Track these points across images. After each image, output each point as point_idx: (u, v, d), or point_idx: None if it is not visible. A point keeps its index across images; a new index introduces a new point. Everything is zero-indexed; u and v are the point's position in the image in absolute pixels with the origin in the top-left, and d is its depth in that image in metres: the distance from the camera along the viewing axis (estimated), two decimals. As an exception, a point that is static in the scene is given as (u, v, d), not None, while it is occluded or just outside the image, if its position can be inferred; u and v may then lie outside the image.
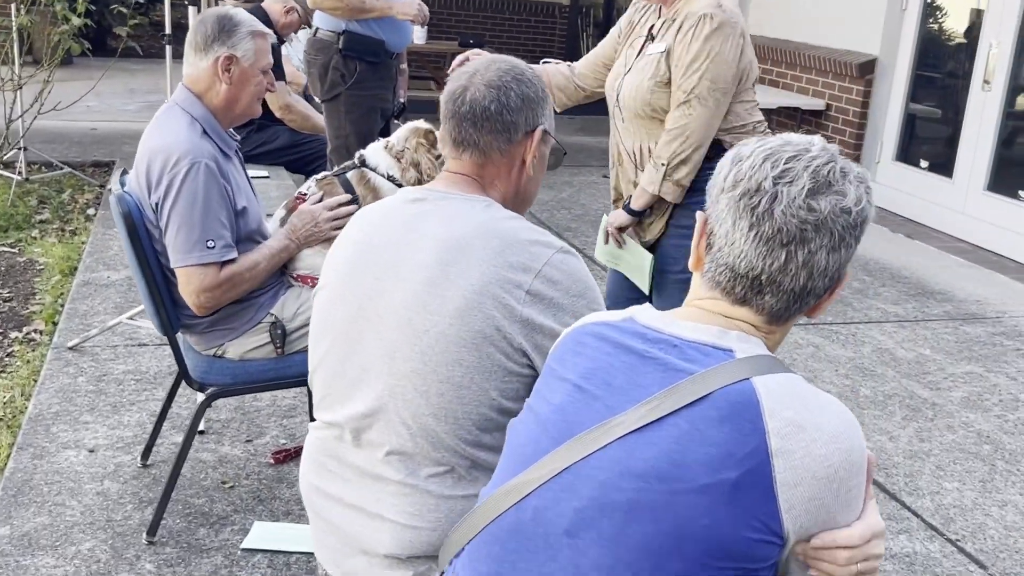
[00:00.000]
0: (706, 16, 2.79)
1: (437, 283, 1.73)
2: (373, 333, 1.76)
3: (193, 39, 2.76)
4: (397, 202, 1.87)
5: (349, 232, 1.90)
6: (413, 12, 4.42)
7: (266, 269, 2.80)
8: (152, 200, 2.67)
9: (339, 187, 2.95)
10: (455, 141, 1.86)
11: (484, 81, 1.86)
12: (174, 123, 2.73)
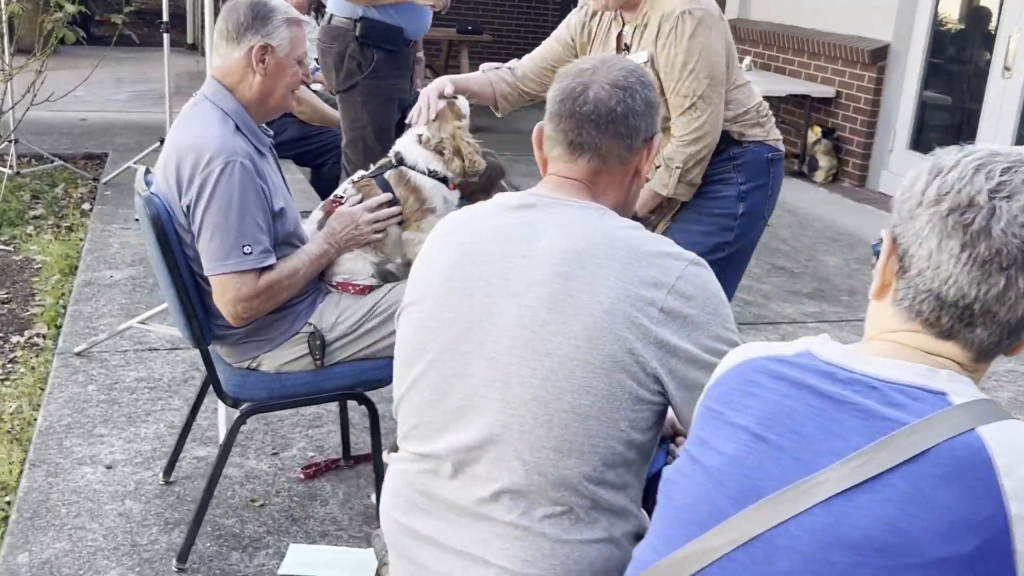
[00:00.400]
0: (684, 13, 2.69)
1: (559, 300, 1.55)
2: (483, 356, 1.58)
3: (224, 28, 2.55)
4: (498, 208, 1.69)
5: (440, 244, 1.71)
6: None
7: (305, 276, 2.61)
8: (183, 202, 2.47)
9: (377, 188, 2.75)
10: (572, 144, 1.68)
11: (609, 80, 1.69)
12: (205, 119, 2.53)
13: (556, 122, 1.70)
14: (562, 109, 1.69)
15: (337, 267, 2.71)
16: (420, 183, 2.74)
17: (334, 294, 2.71)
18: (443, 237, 1.72)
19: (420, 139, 2.79)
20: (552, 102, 1.71)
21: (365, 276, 2.72)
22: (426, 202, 2.74)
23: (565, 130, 1.68)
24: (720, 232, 2.88)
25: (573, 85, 1.69)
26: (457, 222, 1.73)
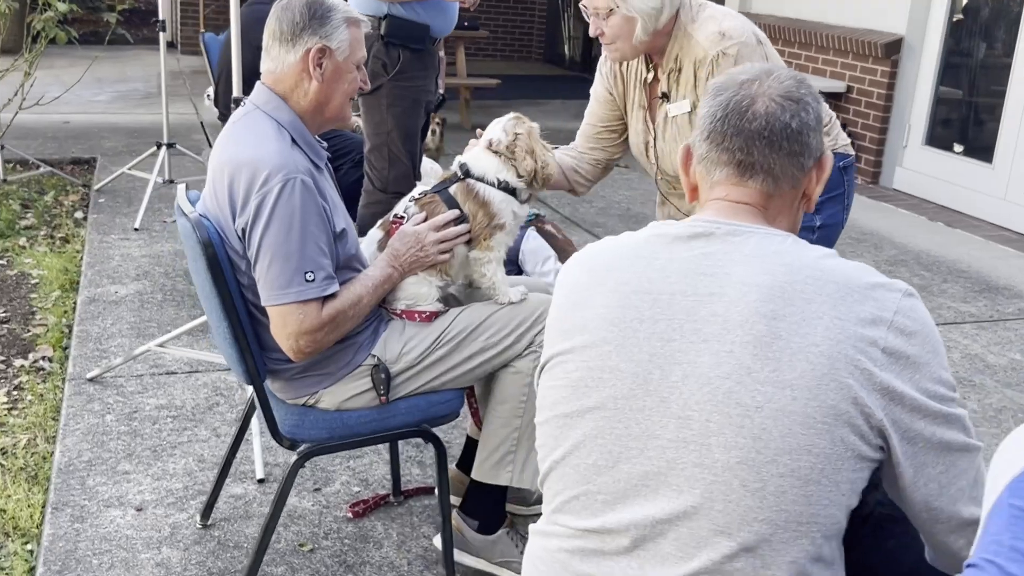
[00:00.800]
0: (719, 56, 2.49)
1: (766, 344, 1.32)
2: (670, 413, 1.35)
3: (277, 28, 2.30)
4: (661, 239, 1.46)
5: (591, 281, 1.47)
6: None
7: (369, 304, 2.36)
8: (237, 225, 2.22)
9: (442, 204, 2.50)
10: (741, 164, 1.46)
11: (779, 92, 1.47)
12: (259, 131, 2.27)
13: (718, 140, 1.48)
14: (725, 126, 1.46)
15: (400, 292, 2.47)
16: (489, 196, 2.50)
17: (397, 322, 2.47)
18: (593, 274, 1.47)
19: (491, 144, 2.55)
20: (710, 118, 1.49)
21: (430, 301, 2.48)
22: (495, 218, 2.50)
23: (731, 149, 1.46)
24: None
25: (737, 98, 1.47)
26: (605, 256, 1.49)
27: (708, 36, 2.50)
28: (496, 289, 2.51)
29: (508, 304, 2.51)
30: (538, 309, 2.52)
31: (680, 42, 2.54)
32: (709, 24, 2.51)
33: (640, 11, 2.48)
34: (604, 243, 1.53)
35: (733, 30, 2.50)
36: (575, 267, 1.52)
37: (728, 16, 2.55)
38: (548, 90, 10.83)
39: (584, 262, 1.51)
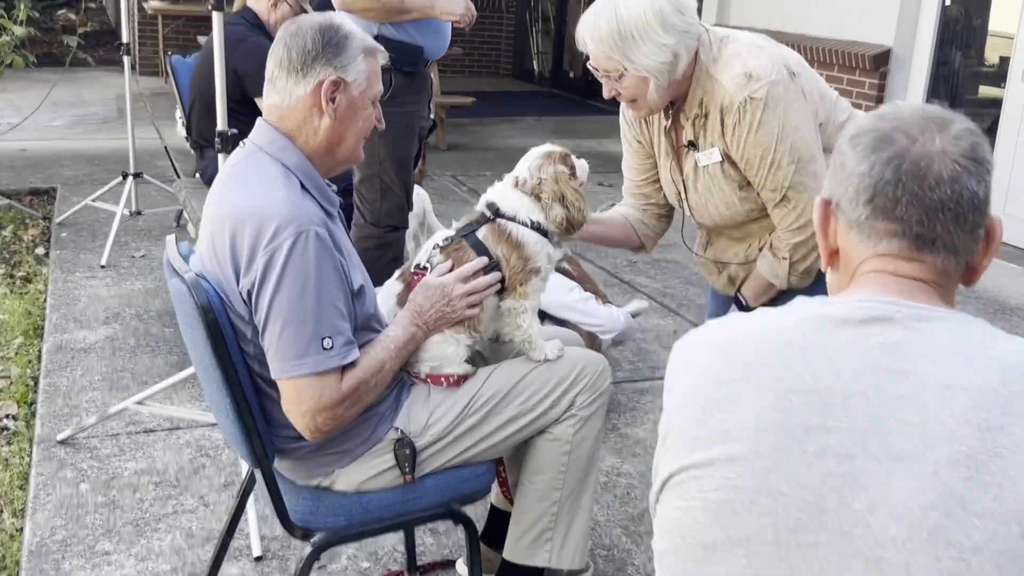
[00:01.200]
0: (746, 102, 2.20)
1: (982, 464, 1.03)
2: (851, 552, 1.05)
3: (286, 56, 2.00)
4: (822, 322, 1.16)
5: (728, 376, 1.18)
6: (460, 11, 3.67)
7: (392, 370, 2.07)
8: (242, 286, 1.92)
9: (471, 251, 2.22)
10: (919, 238, 1.18)
11: (961, 152, 1.17)
12: (264, 176, 1.98)
13: (888, 208, 1.18)
14: (899, 192, 1.17)
15: (423, 353, 2.18)
16: (523, 238, 2.22)
17: (421, 388, 2.18)
18: (733, 363, 1.17)
19: (516, 182, 2.28)
20: (874, 179, 1.17)
21: (458, 362, 2.20)
22: (530, 261, 2.22)
23: (906, 220, 1.17)
24: None
25: (913, 157, 1.17)
26: (747, 340, 1.19)
27: (733, 79, 2.21)
28: (532, 344, 2.24)
29: (544, 361, 2.24)
30: (577, 366, 2.24)
31: (704, 85, 2.27)
32: (734, 64, 2.22)
33: (651, 69, 2.20)
34: (738, 322, 1.23)
35: (760, 69, 2.20)
36: (707, 350, 1.21)
37: (755, 51, 2.25)
38: (521, 106, 10.58)
39: (719, 345, 1.21)
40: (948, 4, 6.66)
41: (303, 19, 2.04)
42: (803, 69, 2.27)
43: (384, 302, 2.22)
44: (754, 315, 1.24)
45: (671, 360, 1.27)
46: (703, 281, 5.47)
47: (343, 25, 2.04)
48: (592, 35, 2.22)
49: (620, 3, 2.19)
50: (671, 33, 2.17)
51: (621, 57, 2.19)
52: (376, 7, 3.53)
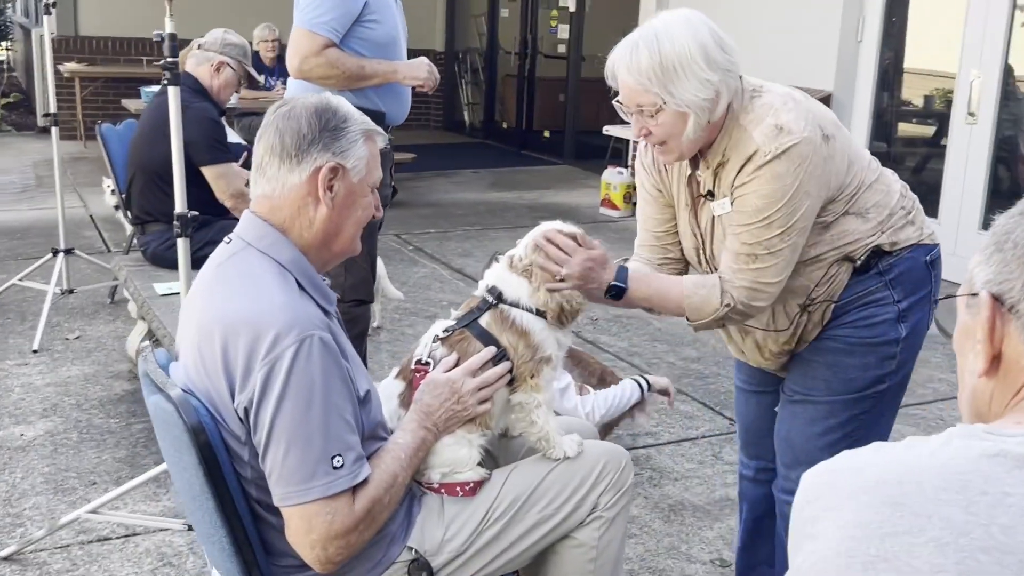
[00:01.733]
0: (772, 155, 2.03)
1: None
2: None
3: (278, 141, 1.80)
4: (1010, 460, 0.99)
5: (894, 518, 0.98)
6: (423, 75, 3.51)
7: (405, 482, 1.85)
8: (238, 403, 1.69)
9: (475, 341, 2.02)
10: None
11: None
12: (257, 277, 1.76)
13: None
14: None
15: (433, 458, 1.97)
16: (528, 325, 2.03)
17: (433, 498, 1.97)
18: (901, 512, 0.98)
19: (512, 264, 2.09)
20: None
21: (471, 466, 1.99)
22: (539, 349, 2.03)
23: None
24: (880, 364, 2.25)
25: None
26: (911, 483, 1.00)
27: (764, 131, 2.05)
28: (549, 442, 2.04)
29: (563, 459, 2.04)
30: (599, 463, 2.06)
31: (731, 134, 2.10)
32: (766, 115, 2.06)
33: (693, 104, 2.03)
34: (885, 457, 1.05)
35: (793, 123, 2.04)
36: (854, 493, 1.02)
37: (789, 103, 2.09)
38: (456, 159, 10.43)
39: (870, 487, 1.02)
40: (885, 49, 6.72)
41: (295, 100, 1.84)
42: (838, 131, 2.12)
43: (385, 403, 2.00)
44: (901, 448, 1.06)
45: (798, 504, 1.09)
46: (670, 337, 5.35)
47: (340, 106, 1.85)
48: (629, 65, 2.04)
49: (662, 33, 2.02)
50: (715, 69, 2.01)
51: (661, 90, 2.02)
52: (335, 74, 3.35)
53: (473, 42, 12.49)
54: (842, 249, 2.16)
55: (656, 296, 2.19)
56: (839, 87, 6.88)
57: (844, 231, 2.15)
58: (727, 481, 3.56)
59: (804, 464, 2.31)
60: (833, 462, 1.09)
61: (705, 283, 2.17)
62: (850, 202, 2.14)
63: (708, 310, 2.15)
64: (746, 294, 2.11)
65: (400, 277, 5.93)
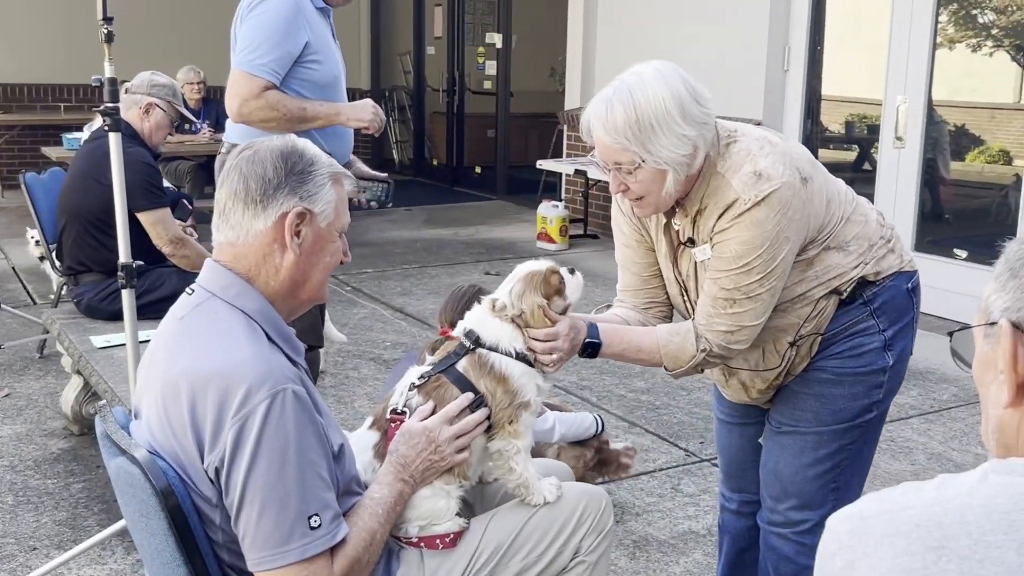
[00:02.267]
0: (752, 204, 2.02)
1: None
2: None
3: (242, 186, 1.72)
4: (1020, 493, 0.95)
5: (940, 565, 0.95)
6: (368, 117, 3.44)
7: (383, 539, 1.78)
8: (208, 463, 1.60)
9: (452, 387, 1.96)
10: None
11: None
12: (224, 329, 1.68)
13: None
14: None
15: (410, 511, 1.89)
16: (507, 370, 1.97)
17: (412, 552, 1.89)
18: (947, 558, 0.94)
19: (494, 307, 2.04)
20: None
21: (450, 517, 1.92)
22: (518, 395, 1.97)
23: None
24: (868, 393, 2.24)
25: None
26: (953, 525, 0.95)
27: (743, 178, 2.03)
28: (528, 488, 1.98)
29: (544, 504, 1.98)
30: (579, 506, 2.00)
31: (708, 182, 2.07)
32: (743, 162, 2.04)
33: (672, 161, 1.99)
34: (921, 498, 1.01)
35: (771, 169, 2.02)
36: (891, 536, 0.98)
37: (766, 148, 2.06)
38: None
39: (908, 530, 0.97)
40: (811, 77, 6.85)
41: (259, 143, 1.77)
42: (815, 171, 2.11)
43: (359, 455, 1.92)
44: (933, 488, 1.02)
45: (826, 552, 1.04)
46: (618, 369, 5.32)
47: (307, 148, 1.78)
48: (605, 124, 1.99)
49: (636, 89, 1.98)
50: (691, 124, 1.98)
51: (639, 148, 1.98)
52: (276, 116, 3.27)
53: (399, 80, 12.46)
54: (828, 284, 2.14)
55: (630, 349, 2.17)
56: (767, 115, 6.98)
57: (828, 266, 2.14)
58: (688, 513, 3.53)
59: (793, 496, 2.30)
60: (860, 506, 1.05)
61: (679, 331, 2.14)
62: (830, 238, 2.13)
63: (685, 357, 2.13)
64: (724, 338, 2.09)
65: (340, 319, 5.82)
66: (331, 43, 3.48)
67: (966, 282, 5.85)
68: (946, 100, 6.20)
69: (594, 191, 8.39)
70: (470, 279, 6.97)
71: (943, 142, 6.28)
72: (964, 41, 6.15)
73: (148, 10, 10.10)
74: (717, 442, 2.58)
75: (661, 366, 2.17)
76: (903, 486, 1.06)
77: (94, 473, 3.82)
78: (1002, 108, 6.19)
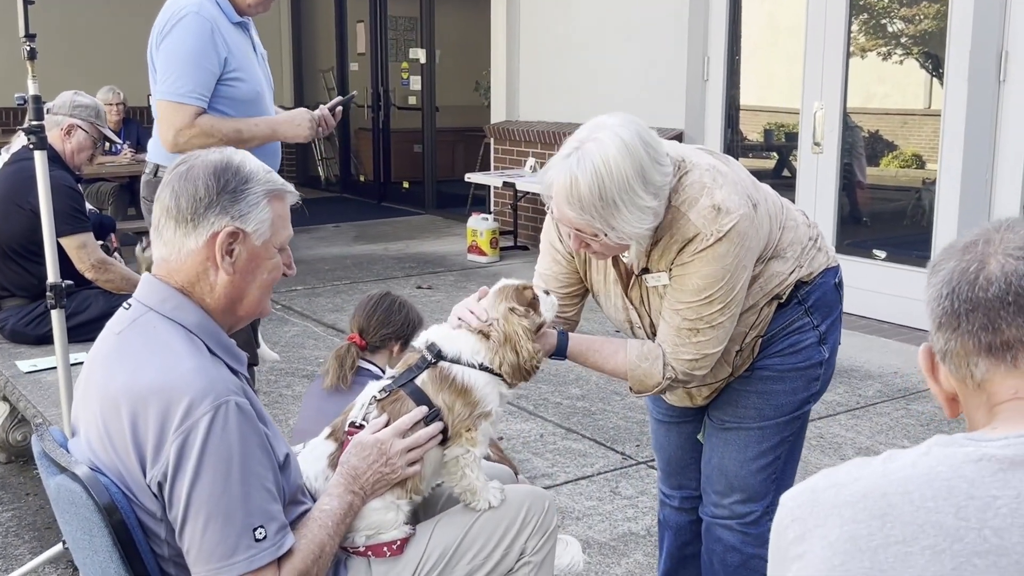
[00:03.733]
0: (712, 240, 2.04)
1: None
2: None
3: (173, 204, 1.71)
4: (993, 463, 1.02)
5: (884, 531, 1.00)
6: (306, 134, 3.38)
7: (332, 551, 1.78)
8: (150, 478, 1.60)
9: (409, 400, 1.97)
10: (991, 347, 1.08)
11: (1018, 244, 1.11)
12: (163, 343, 1.67)
13: (952, 326, 1.10)
14: (955, 304, 1.09)
15: (359, 522, 1.90)
16: (470, 381, 1.98)
17: (359, 561, 1.90)
18: (891, 523, 0.99)
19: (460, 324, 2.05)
20: (935, 302, 1.12)
21: (396, 526, 1.93)
22: (479, 405, 1.98)
23: (972, 331, 1.08)
24: (807, 386, 2.31)
25: (961, 267, 1.11)
26: (897, 494, 1.02)
27: (701, 212, 2.04)
28: (474, 495, 2.00)
29: (488, 508, 2.01)
30: (523, 508, 2.03)
31: (667, 220, 2.07)
32: (699, 196, 2.05)
33: (634, 235, 2.02)
34: (862, 471, 1.07)
35: (728, 202, 2.03)
36: (835, 509, 1.03)
37: (718, 179, 2.06)
38: (315, 214, 10.26)
39: (853, 501, 1.03)
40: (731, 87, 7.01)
41: (194, 158, 1.76)
42: (759, 194, 2.15)
43: (315, 463, 1.93)
44: (880, 461, 1.08)
45: (780, 526, 1.09)
46: (553, 377, 5.36)
47: (243, 165, 1.76)
48: (569, 199, 1.95)
49: (599, 162, 1.93)
50: (652, 194, 1.97)
51: (603, 225, 1.97)
52: (212, 142, 3.21)
53: (323, 97, 12.40)
54: (770, 292, 2.21)
55: (596, 365, 2.21)
56: (689, 125, 7.12)
57: (770, 276, 2.20)
58: (628, 515, 3.58)
59: (738, 490, 2.36)
60: (812, 482, 1.10)
61: (648, 356, 2.17)
62: (771, 251, 2.19)
63: (651, 383, 2.18)
64: (688, 366, 2.15)
65: (272, 337, 5.77)
66: (252, 57, 3.43)
67: (886, 282, 6.04)
68: (860, 107, 6.40)
69: (523, 203, 8.45)
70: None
71: (859, 147, 6.47)
72: (875, 49, 6.35)
73: (67, 31, 9.92)
74: (654, 441, 2.63)
75: (623, 380, 2.22)
76: (852, 462, 1.11)
77: (23, 501, 3.74)
78: (913, 114, 6.41)
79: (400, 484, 1.92)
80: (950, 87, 5.62)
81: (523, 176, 8.13)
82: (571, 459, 4.09)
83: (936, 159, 5.81)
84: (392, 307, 2.98)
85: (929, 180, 6.00)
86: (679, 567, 2.60)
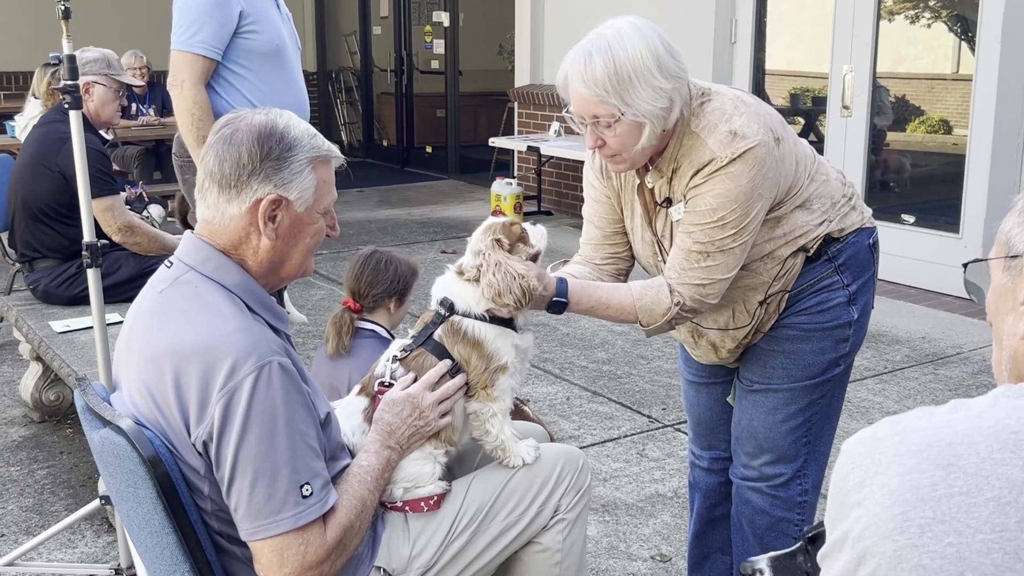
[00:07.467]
0: (727, 162, 2.05)
1: None
2: None
3: (217, 168, 1.71)
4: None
5: (949, 481, 0.98)
6: None
7: (373, 506, 1.80)
8: (195, 436, 1.61)
9: (431, 357, 1.98)
10: None
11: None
12: (205, 303, 1.68)
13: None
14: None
15: (396, 474, 1.92)
16: (480, 335, 2.00)
17: (396, 516, 1.92)
18: (956, 475, 0.98)
19: (460, 272, 2.06)
20: None
21: (433, 480, 1.95)
22: (493, 358, 2.00)
23: None
24: (835, 346, 2.30)
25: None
26: (964, 446, 1.00)
27: (718, 137, 2.05)
28: (506, 450, 2.01)
29: (522, 465, 2.02)
30: (557, 465, 2.04)
31: (682, 141, 2.10)
32: (718, 121, 2.06)
33: (649, 114, 2.01)
34: (929, 420, 1.05)
35: (746, 128, 2.04)
36: (899, 457, 1.02)
37: (740, 108, 2.08)
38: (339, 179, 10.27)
39: (917, 450, 1.02)
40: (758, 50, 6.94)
41: (239, 120, 1.74)
42: (785, 132, 2.15)
43: (350, 419, 1.95)
44: (946, 411, 1.07)
45: (840, 473, 1.08)
46: (578, 341, 5.37)
47: (288, 130, 1.74)
48: (584, 76, 2.00)
49: (614, 42, 2.00)
50: (667, 77, 2.00)
51: (618, 101, 1.99)
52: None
53: (346, 61, 12.38)
54: (795, 242, 2.19)
55: (599, 305, 2.17)
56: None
57: (795, 225, 2.18)
58: (655, 477, 3.59)
59: (767, 451, 2.36)
60: (875, 429, 1.09)
61: (652, 285, 2.17)
62: (797, 197, 2.18)
63: (660, 311, 2.15)
64: (696, 291, 2.13)
65: (298, 300, 5.81)
66: (271, 12, 3.46)
67: (915, 246, 6.00)
68: (889, 71, 6.32)
69: (547, 167, 8.42)
70: (426, 258, 6.98)
71: (887, 111, 6.41)
72: (904, 12, 6.26)
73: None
74: (685, 402, 2.63)
75: (631, 322, 2.20)
76: (917, 410, 1.09)
77: (58, 459, 3.79)
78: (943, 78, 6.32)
79: (435, 436, 1.93)
80: (982, 48, 5.54)
81: (547, 140, 8.09)
82: (597, 422, 4.11)
83: (966, 123, 5.74)
84: (379, 266, 2.91)
85: (959, 144, 5.93)
86: (709, 528, 2.61)
